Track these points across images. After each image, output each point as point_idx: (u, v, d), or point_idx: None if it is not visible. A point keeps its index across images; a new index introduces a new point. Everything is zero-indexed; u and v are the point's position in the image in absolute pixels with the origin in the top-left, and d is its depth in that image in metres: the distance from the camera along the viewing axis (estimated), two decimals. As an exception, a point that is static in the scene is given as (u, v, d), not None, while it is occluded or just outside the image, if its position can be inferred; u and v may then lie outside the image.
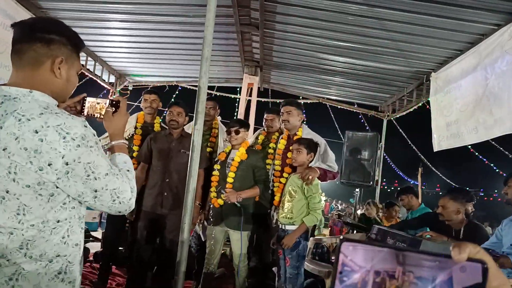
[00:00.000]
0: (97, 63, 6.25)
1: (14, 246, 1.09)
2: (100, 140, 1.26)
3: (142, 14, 4.64)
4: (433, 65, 4.87)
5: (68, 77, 1.22)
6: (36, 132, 1.05)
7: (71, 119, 1.12)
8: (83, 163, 1.12)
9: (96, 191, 1.15)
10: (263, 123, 3.72)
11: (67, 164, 1.09)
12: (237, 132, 3.19)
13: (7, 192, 1.06)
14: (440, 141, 4.63)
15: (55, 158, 1.07)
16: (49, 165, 1.07)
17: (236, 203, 3.03)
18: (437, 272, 0.54)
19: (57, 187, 1.11)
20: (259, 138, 3.73)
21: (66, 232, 1.16)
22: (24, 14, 4.17)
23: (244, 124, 3.33)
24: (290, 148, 3.19)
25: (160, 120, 3.80)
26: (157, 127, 3.68)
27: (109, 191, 1.18)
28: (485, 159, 12.65)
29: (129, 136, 3.59)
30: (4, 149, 1.04)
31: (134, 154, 3.48)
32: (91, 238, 4.56)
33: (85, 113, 1.40)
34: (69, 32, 1.23)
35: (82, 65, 5.91)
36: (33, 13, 4.38)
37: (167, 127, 3.85)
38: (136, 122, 3.65)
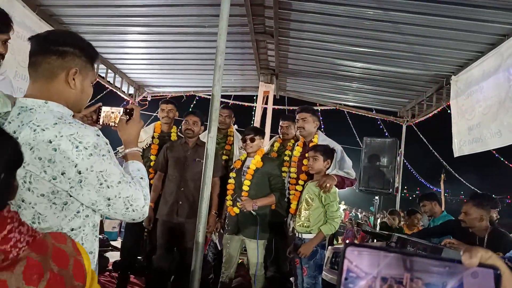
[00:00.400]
0: (116, 75, 6.41)
1: None
2: (118, 150, 1.28)
3: (159, 26, 4.75)
4: (453, 68, 4.75)
5: (82, 87, 1.24)
6: (50, 142, 1.08)
7: (84, 128, 1.15)
8: (95, 172, 1.13)
9: (109, 199, 1.16)
10: (279, 130, 3.70)
11: (80, 173, 1.11)
12: (252, 140, 3.18)
13: (23, 201, 1.09)
14: (462, 145, 4.49)
15: (68, 167, 1.09)
16: (62, 174, 1.09)
17: (252, 211, 3.02)
18: (447, 278, 0.52)
19: (70, 196, 1.13)
20: (274, 145, 3.72)
21: (81, 240, 1.17)
22: (47, 30, 4.33)
23: (259, 131, 3.32)
24: (306, 155, 3.15)
25: (177, 129, 3.85)
26: (173, 137, 3.72)
27: (122, 199, 1.18)
28: (510, 165, 12.18)
29: (146, 146, 3.65)
30: None
31: (152, 164, 3.53)
32: (110, 247, 4.61)
33: (101, 122, 1.44)
34: (83, 43, 1.26)
35: (102, 77, 6.08)
36: (55, 28, 4.55)
37: (182, 136, 3.90)
38: (154, 132, 3.70)
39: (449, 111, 5.03)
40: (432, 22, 3.82)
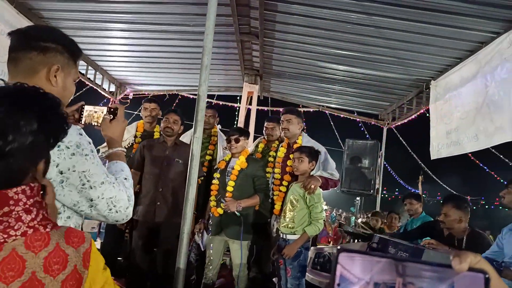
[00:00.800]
0: (97, 72, 6.27)
1: None
2: (99, 149, 1.26)
3: (143, 23, 4.68)
4: (433, 73, 4.88)
5: (64, 85, 1.21)
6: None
7: None
8: (78, 172, 1.10)
9: (91, 200, 1.14)
10: (263, 132, 3.71)
11: (61, 173, 1.08)
12: (237, 141, 3.18)
13: None
14: (440, 149, 4.62)
15: (50, 167, 1.06)
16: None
17: (236, 212, 3.01)
18: (438, 283, 0.53)
19: None
20: (259, 146, 3.72)
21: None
22: (26, 24, 4.20)
23: (244, 132, 3.32)
24: (290, 156, 3.17)
25: (160, 128, 3.79)
26: (156, 135, 3.67)
27: (105, 199, 1.16)
28: (486, 168, 12.62)
29: (128, 145, 3.58)
30: None
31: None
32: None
33: (83, 121, 1.40)
34: (66, 40, 1.22)
35: (83, 74, 5.93)
36: (34, 22, 4.41)
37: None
38: (136, 131, 3.64)
39: (428, 115, 5.16)
40: (413, 28, 3.91)
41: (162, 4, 4.17)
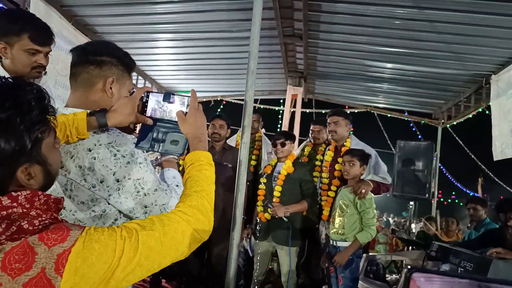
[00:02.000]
0: (146, 81, 6.55)
1: None
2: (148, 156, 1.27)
3: (188, 32, 4.80)
4: (493, 67, 4.51)
5: (120, 96, 1.24)
6: (90, 150, 1.10)
7: (121, 137, 1.16)
8: (132, 180, 1.14)
9: (146, 206, 1.16)
10: (309, 135, 3.63)
11: (118, 181, 1.12)
12: (283, 145, 3.13)
13: (64, 209, 1.10)
14: (504, 149, 4.23)
15: (107, 175, 1.11)
16: (101, 182, 1.11)
17: (283, 217, 2.96)
18: None
19: (109, 204, 1.14)
20: (305, 150, 3.64)
21: None
22: (82, 40, 4.49)
23: (290, 136, 3.27)
24: (339, 160, 3.06)
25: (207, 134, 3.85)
26: None
27: (158, 206, 1.18)
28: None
29: None
30: (61, 168, 1.08)
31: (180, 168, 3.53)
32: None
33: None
34: (119, 52, 1.26)
35: (134, 84, 6.23)
36: (90, 37, 4.70)
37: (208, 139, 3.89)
38: None
39: (487, 113, 4.78)
40: (470, 20, 3.63)
41: (207, 12, 4.25)
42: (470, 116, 5.55)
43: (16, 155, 0.72)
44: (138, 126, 1.39)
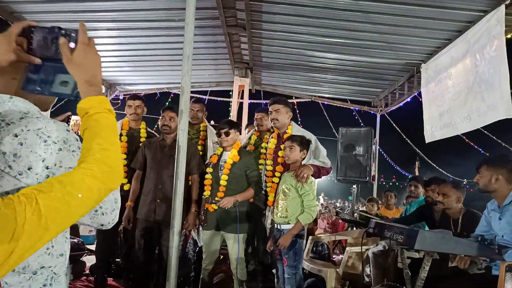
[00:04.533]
0: (86, 74, 6.19)
1: None
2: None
3: (128, 21, 4.62)
4: (423, 56, 4.85)
5: None
6: (16, 136, 1.02)
7: (52, 123, 1.09)
8: (64, 168, 1.07)
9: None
10: (254, 123, 3.67)
11: (47, 168, 1.05)
12: (227, 134, 3.13)
13: None
14: (434, 132, 4.60)
15: (35, 161, 1.03)
16: (29, 169, 1.03)
17: (234, 206, 2.97)
18: None
19: None
20: (251, 138, 3.68)
21: (50, 242, 1.11)
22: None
23: (234, 124, 3.28)
24: (282, 146, 3.13)
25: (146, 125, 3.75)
26: (143, 133, 3.62)
27: None
28: (481, 149, 12.62)
29: None
30: None
31: (123, 162, 3.42)
32: (86, 251, 4.47)
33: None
34: None
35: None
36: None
37: (153, 133, 3.80)
38: (121, 129, 3.58)
39: (420, 99, 5.14)
40: (401, 11, 3.87)
41: (146, 0, 4.11)
42: (404, 102, 5.94)
43: None
44: (70, 127, 1.31)
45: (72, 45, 0.96)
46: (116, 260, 4.11)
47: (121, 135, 3.54)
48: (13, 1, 4.13)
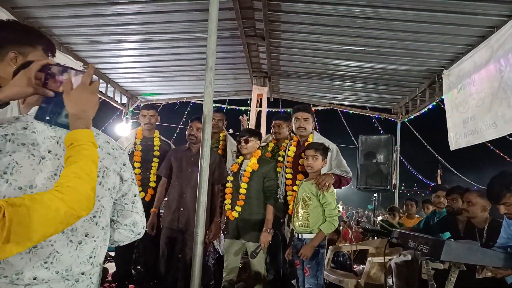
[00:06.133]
0: (109, 85, 6.38)
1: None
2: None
3: (150, 33, 4.74)
4: (444, 62, 4.77)
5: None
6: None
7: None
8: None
9: (135, 195, 1.28)
10: (271, 130, 3.68)
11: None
12: (246, 141, 3.15)
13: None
14: (458, 139, 4.49)
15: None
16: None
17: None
18: None
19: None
20: (269, 145, 3.69)
21: (92, 251, 1.13)
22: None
23: (254, 133, 3.29)
24: (302, 155, 3.13)
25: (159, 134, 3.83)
26: (156, 141, 3.70)
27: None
28: (506, 157, 12.21)
29: (129, 153, 3.61)
30: None
31: (136, 171, 3.48)
32: (108, 258, 4.56)
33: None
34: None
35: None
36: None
37: (166, 141, 3.88)
38: (135, 138, 3.66)
39: (442, 106, 5.05)
40: (421, 17, 3.84)
41: (167, 13, 4.22)
42: (426, 109, 5.84)
43: None
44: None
45: (76, 83, 1.08)
46: (137, 267, 4.17)
47: (135, 144, 3.63)
48: (41, 17, 4.31)
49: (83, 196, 0.94)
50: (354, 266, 4.23)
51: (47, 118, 1.10)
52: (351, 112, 7.16)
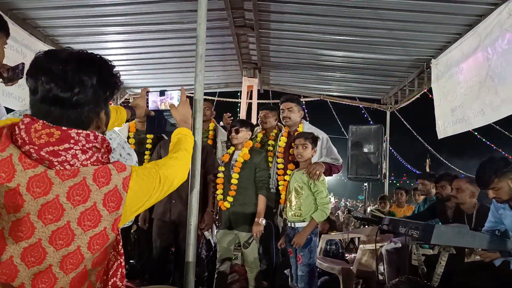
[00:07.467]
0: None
1: None
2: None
3: (138, 24, 4.67)
4: (433, 52, 4.81)
5: None
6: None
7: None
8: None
9: None
10: (258, 121, 3.68)
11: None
12: (237, 132, 3.13)
13: None
14: (446, 127, 4.56)
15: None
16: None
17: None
18: None
19: None
20: (257, 136, 3.68)
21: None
22: (21, 33, 4.23)
23: (245, 123, 3.28)
24: (292, 144, 3.13)
25: None
26: (149, 134, 3.66)
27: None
28: (493, 145, 12.45)
29: None
30: None
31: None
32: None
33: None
34: None
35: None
36: (30, 32, 4.43)
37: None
38: (128, 132, 3.62)
39: (430, 96, 5.10)
40: (409, 6, 3.85)
41: (155, 3, 4.16)
42: (414, 99, 5.90)
43: (105, 100, 1.04)
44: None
45: (173, 101, 1.77)
46: (130, 261, 4.15)
47: (128, 137, 3.59)
48: (26, 8, 4.21)
49: (187, 158, 1.46)
50: (346, 255, 4.28)
51: (156, 131, 1.85)
52: (340, 102, 7.19)
